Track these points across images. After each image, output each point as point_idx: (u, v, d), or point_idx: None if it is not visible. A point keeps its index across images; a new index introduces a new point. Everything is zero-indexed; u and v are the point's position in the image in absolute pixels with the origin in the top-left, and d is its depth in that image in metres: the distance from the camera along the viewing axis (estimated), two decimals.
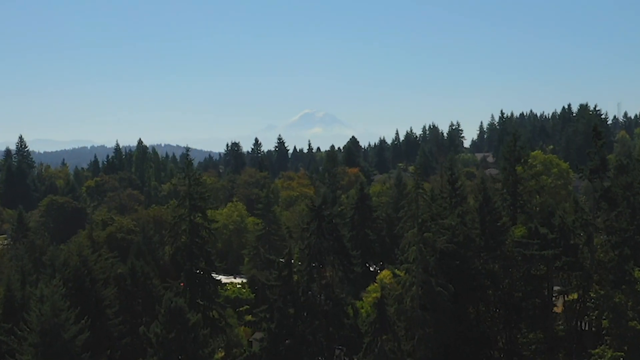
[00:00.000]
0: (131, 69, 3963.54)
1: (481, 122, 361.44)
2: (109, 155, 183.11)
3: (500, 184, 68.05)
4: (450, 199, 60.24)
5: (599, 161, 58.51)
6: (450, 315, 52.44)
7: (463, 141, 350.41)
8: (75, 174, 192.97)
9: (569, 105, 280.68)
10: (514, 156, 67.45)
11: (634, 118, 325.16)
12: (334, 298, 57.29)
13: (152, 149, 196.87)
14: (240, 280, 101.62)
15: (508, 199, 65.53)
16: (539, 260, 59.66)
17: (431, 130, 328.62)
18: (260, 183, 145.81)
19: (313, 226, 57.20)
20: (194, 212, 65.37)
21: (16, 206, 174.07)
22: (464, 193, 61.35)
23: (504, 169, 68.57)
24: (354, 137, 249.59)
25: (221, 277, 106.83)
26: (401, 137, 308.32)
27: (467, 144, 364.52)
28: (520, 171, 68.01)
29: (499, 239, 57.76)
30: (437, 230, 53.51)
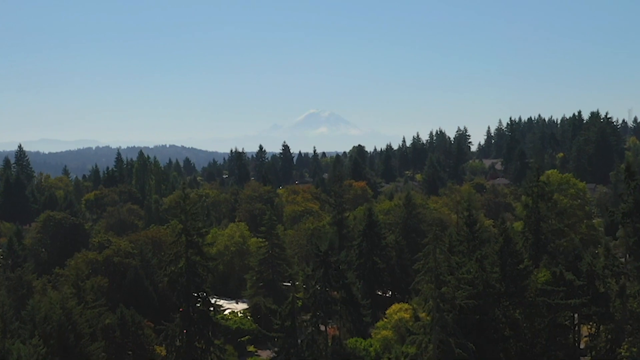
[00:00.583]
0: (137, 69, 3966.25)
1: (488, 127, 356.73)
2: (109, 167, 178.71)
3: (522, 223, 63.13)
4: (468, 242, 55.60)
5: (633, 204, 53.42)
6: None
7: (470, 146, 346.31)
8: (76, 184, 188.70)
9: (579, 113, 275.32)
10: (536, 192, 62.67)
11: None
12: (342, 354, 52.68)
13: (154, 158, 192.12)
14: (242, 308, 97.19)
15: (530, 238, 60.80)
16: (564, 309, 54.95)
17: (438, 136, 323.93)
18: (264, 197, 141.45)
19: (318, 274, 52.66)
20: (190, 249, 60.79)
21: (14, 218, 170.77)
22: (482, 236, 56.57)
23: (525, 206, 63.75)
24: (360, 146, 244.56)
25: (222, 302, 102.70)
26: (408, 140, 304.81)
27: (474, 144, 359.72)
28: (543, 208, 63.22)
29: (520, 284, 53.08)
30: (456, 285, 48.82)
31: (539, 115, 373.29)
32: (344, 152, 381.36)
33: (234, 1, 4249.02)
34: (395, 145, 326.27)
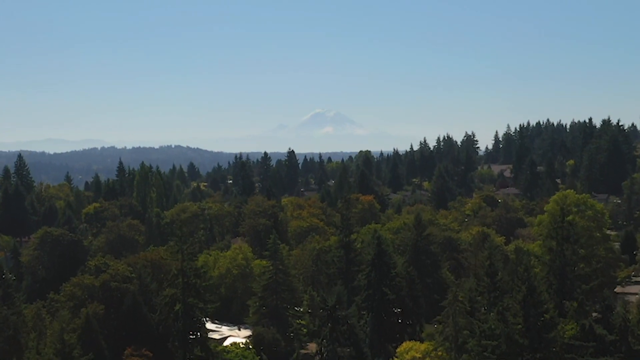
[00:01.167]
0: (142, 68, 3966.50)
1: (496, 132, 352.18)
2: (110, 178, 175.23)
3: (546, 267, 58.56)
4: (489, 293, 51.26)
5: None
6: None
7: (478, 151, 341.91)
8: (76, 195, 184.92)
9: (590, 120, 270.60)
10: (561, 234, 58.21)
11: None
12: None
13: (157, 168, 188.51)
14: (245, 334, 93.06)
15: (554, 284, 56.40)
16: None
17: (445, 141, 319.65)
18: (268, 212, 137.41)
19: (326, 330, 48.43)
20: (187, 292, 56.68)
21: (13, 231, 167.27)
22: (504, 286, 52.14)
23: (549, 250, 59.29)
24: (366, 152, 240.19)
25: (224, 328, 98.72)
26: (415, 142, 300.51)
27: (481, 148, 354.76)
28: (569, 252, 58.64)
29: (545, 337, 48.72)
30: (477, 344, 44.58)
31: (548, 120, 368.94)
32: (350, 157, 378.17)
33: (238, 1, 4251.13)
34: (402, 147, 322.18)
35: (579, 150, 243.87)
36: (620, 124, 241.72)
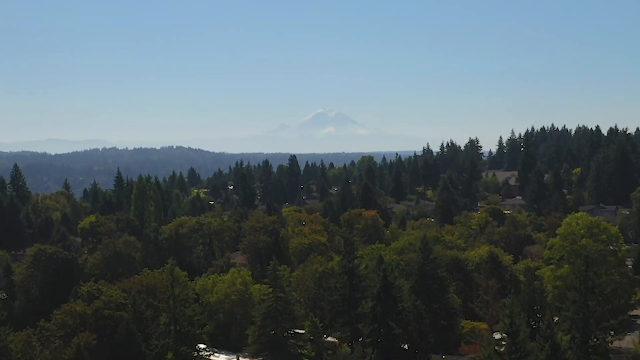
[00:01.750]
0: (144, 68, 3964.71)
1: (500, 137, 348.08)
2: (107, 190, 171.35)
3: (568, 320, 54.24)
4: (510, 355, 47.03)
5: None
6: None
7: (482, 157, 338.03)
8: (73, 206, 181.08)
9: (597, 127, 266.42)
10: (586, 285, 53.95)
11: None
12: None
13: (155, 179, 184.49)
14: None
15: (578, 338, 52.12)
16: None
17: (449, 147, 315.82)
18: (269, 229, 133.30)
19: None
20: (180, 342, 52.64)
21: (7, 245, 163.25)
22: (527, 347, 47.85)
23: (573, 302, 54.88)
24: (368, 162, 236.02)
25: (222, 357, 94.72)
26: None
27: (485, 154, 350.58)
28: (593, 304, 54.25)
29: None
30: None
31: (552, 125, 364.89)
32: (352, 162, 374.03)
33: (240, 1, 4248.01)
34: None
35: (585, 158, 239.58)
36: (627, 131, 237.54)
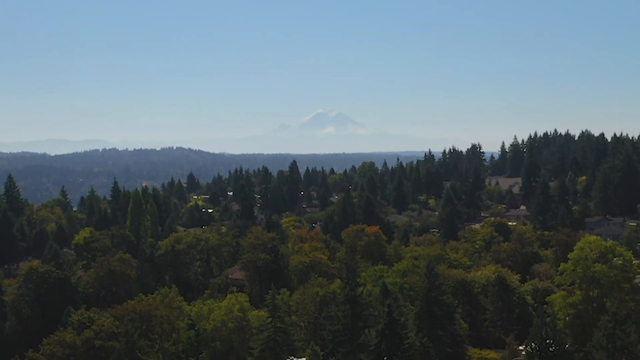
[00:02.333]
0: (144, 69, 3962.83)
1: (503, 142, 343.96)
2: (103, 203, 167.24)
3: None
4: None
5: None
6: None
7: (484, 162, 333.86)
8: (69, 218, 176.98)
9: (601, 134, 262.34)
10: (613, 344, 50.17)
11: None
12: None
13: (152, 189, 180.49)
14: None
15: None
16: None
17: (452, 154, 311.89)
18: (268, 246, 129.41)
19: None
20: None
21: (0, 260, 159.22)
22: None
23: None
24: (369, 169, 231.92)
25: None
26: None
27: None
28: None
29: None
30: None
31: (555, 130, 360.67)
32: (353, 167, 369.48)
33: (240, 1, 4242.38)
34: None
35: (591, 167, 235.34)
36: (633, 139, 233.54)
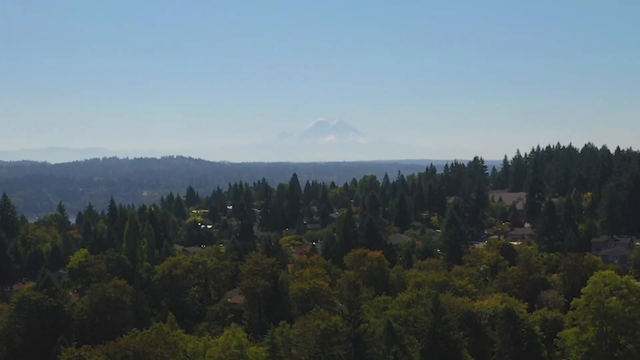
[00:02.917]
0: (145, 77, 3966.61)
1: (505, 156, 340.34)
2: (99, 224, 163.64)
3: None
4: None
5: None
6: None
7: (486, 175, 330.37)
8: (65, 238, 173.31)
9: (603, 146, 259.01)
10: None
11: None
12: None
13: (150, 210, 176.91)
14: None
15: None
16: None
17: (454, 168, 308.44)
18: (268, 272, 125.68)
19: None
20: None
21: None
22: None
23: None
24: (372, 194, 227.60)
25: None
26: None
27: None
28: None
29: None
30: None
31: (558, 144, 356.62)
32: (354, 180, 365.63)
33: (242, 9, 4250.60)
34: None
35: (596, 183, 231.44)
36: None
